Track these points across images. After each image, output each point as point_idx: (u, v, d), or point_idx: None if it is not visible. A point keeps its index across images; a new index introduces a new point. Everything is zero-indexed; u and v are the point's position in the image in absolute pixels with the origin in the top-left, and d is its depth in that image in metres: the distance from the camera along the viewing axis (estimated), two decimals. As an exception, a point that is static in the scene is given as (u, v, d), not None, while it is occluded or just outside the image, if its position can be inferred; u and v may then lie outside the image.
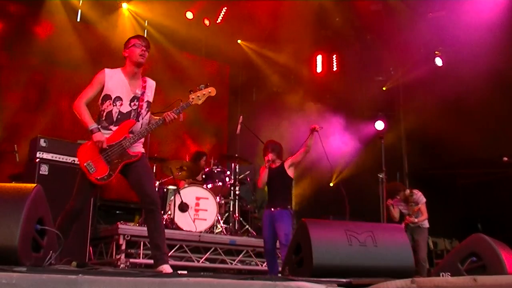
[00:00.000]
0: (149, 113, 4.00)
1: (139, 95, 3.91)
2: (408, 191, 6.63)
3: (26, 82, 7.99)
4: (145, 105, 3.93)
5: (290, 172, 5.50)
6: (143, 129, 3.89)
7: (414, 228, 6.40)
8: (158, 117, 3.97)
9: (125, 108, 3.85)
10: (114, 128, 3.82)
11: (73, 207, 3.79)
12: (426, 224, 6.57)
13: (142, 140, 3.94)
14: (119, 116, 3.83)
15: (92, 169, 3.72)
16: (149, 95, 3.99)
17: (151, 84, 4.04)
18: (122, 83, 3.88)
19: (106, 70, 3.90)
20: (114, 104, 3.83)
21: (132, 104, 3.88)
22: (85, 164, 3.73)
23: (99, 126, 3.80)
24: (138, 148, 3.91)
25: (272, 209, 5.36)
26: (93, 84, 3.86)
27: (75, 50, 8.29)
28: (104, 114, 3.84)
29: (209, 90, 4.07)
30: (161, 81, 9.18)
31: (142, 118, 3.92)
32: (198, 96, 4.03)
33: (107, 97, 3.83)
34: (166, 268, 3.66)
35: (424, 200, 6.60)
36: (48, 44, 8.17)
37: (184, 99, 4.03)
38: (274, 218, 5.31)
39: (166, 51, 9.33)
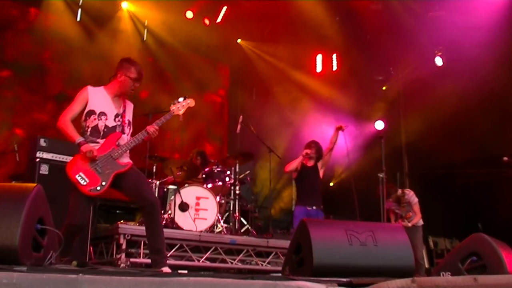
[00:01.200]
0: (131, 131, 4.09)
1: (121, 113, 4.00)
2: (400, 191, 6.61)
3: (26, 81, 7.98)
4: (127, 122, 4.03)
5: (321, 173, 5.65)
6: (129, 141, 3.96)
7: (408, 228, 6.26)
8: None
9: (110, 123, 3.93)
10: (101, 141, 3.86)
11: (72, 224, 3.75)
12: (420, 222, 6.56)
13: (128, 153, 4.00)
14: (105, 130, 3.89)
15: (84, 181, 3.72)
16: (129, 115, 4.09)
17: (130, 106, 4.14)
18: (105, 101, 3.96)
19: (89, 87, 3.96)
20: (100, 118, 3.89)
21: (116, 119, 3.97)
22: (76, 176, 3.73)
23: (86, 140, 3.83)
24: (127, 159, 3.98)
25: (308, 208, 5.54)
26: (76, 101, 3.90)
27: (75, 50, 8.29)
28: (89, 129, 3.87)
29: (188, 101, 4.27)
30: (161, 81, 9.26)
31: (127, 134, 4.01)
32: (179, 107, 4.22)
33: (91, 112, 3.88)
34: (166, 270, 3.67)
35: (416, 200, 6.58)
36: (48, 43, 8.17)
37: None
38: (311, 217, 5.45)
39: (166, 51, 9.34)
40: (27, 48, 8.01)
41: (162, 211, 6.32)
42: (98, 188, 3.73)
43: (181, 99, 4.24)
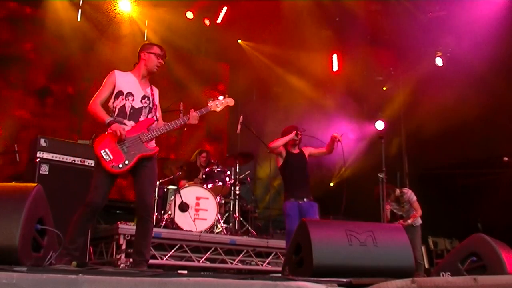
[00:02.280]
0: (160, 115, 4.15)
1: (149, 95, 4.06)
2: (398, 191, 6.68)
3: (26, 81, 7.97)
4: (156, 106, 4.09)
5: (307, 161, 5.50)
6: (164, 125, 4.02)
7: (407, 228, 6.22)
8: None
9: (137, 104, 3.98)
10: (128, 122, 3.91)
11: (92, 203, 3.74)
12: (418, 221, 6.61)
13: (154, 139, 4.05)
14: (131, 111, 3.94)
15: (108, 157, 3.75)
16: (156, 100, 4.16)
17: (156, 91, 4.22)
18: (133, 82, 4.04)
19: (116, 71, 4.03)
20: (127, 99, 3.94)
21: (143, 101, 4.02)
22: (101, 151, 3.76)
23: None
24: (154, 144, 4.03)
25: (300, 202, 5.18)
26: (105, 86, 3.98)
27: (74, 50, 8.26)
28: (117, 109, 3.92)
29: (228, 100, 4.40)
30: (160, 81, 9.24)
31: (157, 119, 4.06)
32: (217, 104, 4.32)
33: (120, 93, 3.95)
34: None
35: (415, 197, 6.66)
36: (47, 43, 8.15)
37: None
38: (304, 211, 5.10)
39: (166, 51, 9.32)
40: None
41: (162, 212, 6.33)
42: (120, 165, 3.76)
43: (221, 98, 4.38)
